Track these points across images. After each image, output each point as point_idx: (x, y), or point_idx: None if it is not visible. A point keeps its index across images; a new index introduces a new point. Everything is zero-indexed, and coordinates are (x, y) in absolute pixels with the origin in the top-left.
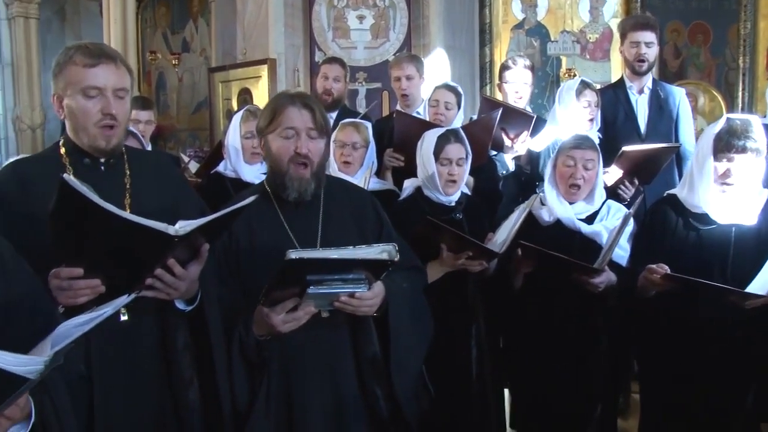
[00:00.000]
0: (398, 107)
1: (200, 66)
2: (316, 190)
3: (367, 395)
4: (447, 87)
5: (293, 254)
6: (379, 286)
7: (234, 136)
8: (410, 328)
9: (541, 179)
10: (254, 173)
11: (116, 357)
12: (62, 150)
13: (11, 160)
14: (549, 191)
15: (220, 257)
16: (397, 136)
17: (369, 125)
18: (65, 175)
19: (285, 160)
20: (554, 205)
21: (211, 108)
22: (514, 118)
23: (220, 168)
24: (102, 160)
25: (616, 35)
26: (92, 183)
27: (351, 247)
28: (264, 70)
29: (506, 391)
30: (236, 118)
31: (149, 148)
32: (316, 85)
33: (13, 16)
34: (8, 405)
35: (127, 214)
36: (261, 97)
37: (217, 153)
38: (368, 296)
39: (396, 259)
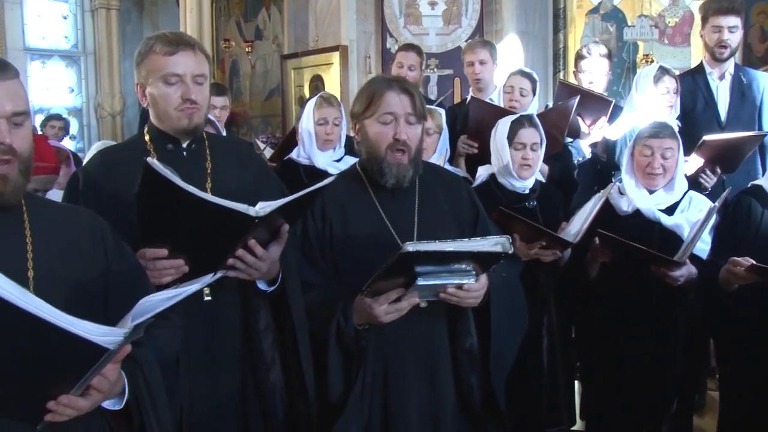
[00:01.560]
0: (471, 93)
1: (273, 53)
2: (413, 176)
3: (462, 386)
4: (522, 73)
5: (410, 246)
6: (484, 278)
7: (308, 122)
8: (508, 320)
9: (617, 168)
10: (327, 160)
11: (199, 336)
12: (146, 137)
13: (98, 146)
14: (627, 181)
15: (313, 243)
16: (471, 122)
17: (442, 112)
18: (149, 159)
19: (383, 147)
20: (633, 194)
21: (284, 95)
22: (592, 104)
23: (293, 155)
24: (184, 145)
25: (698, 18)
26: (175, 168)
27: (466, 239)
28: (336, 57)
29: (577, 383)
30: (310, 105)
31: (224, 134)
32: (390, 73)
33: (95, 8)
34: (93, 375)
35: (208, 196)
36: (333, 83)
37: (290, 139)
38: (476, 287)
39: (510, 252)
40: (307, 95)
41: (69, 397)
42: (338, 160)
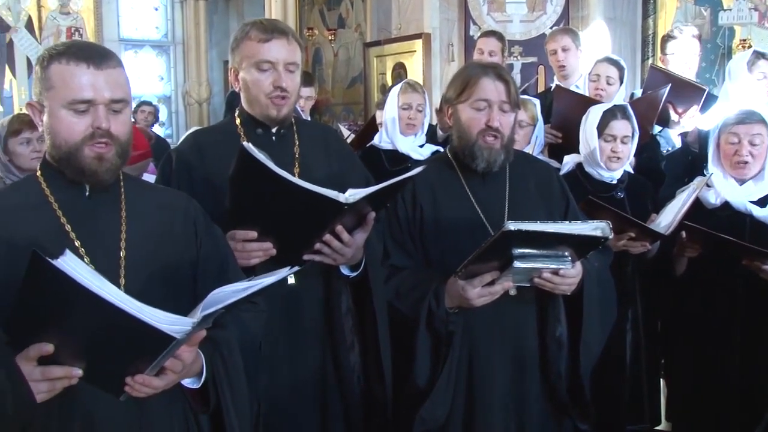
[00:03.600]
0: (555, 81)
1: (355, 41)
2: (504, 162)
3: (549, 374)
4: (609, 60)
5: (512, 225)
6: (579, 265)
7: (391, 107)
8: (599, 310)
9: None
10: (410, 144)
11: (282, 319)
12: (237, 121)
13: (192, 130)
14: (714, 172)
15: (403, 226)
16: (555, 111)
17: (537, 102)
18: (245, 143)
19: (474, 132)
20: (721, 186)
21: (366, 82)
22: (684, 91)
23: (375, 141)
24: (273, 130)
25: None
26: (263, 152)
27: (566, 222)
28: (418, 45)
29: (663, 381)
30: (394, 90)
31: None
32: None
33: None
34: (164, 359)
35: (300, 181)
36: (415, 71)
37: (370, 127)
38: (572, 274)
39: (610, 237)
40: (390, 83)
41: (143, 377)
42: (420, 146)
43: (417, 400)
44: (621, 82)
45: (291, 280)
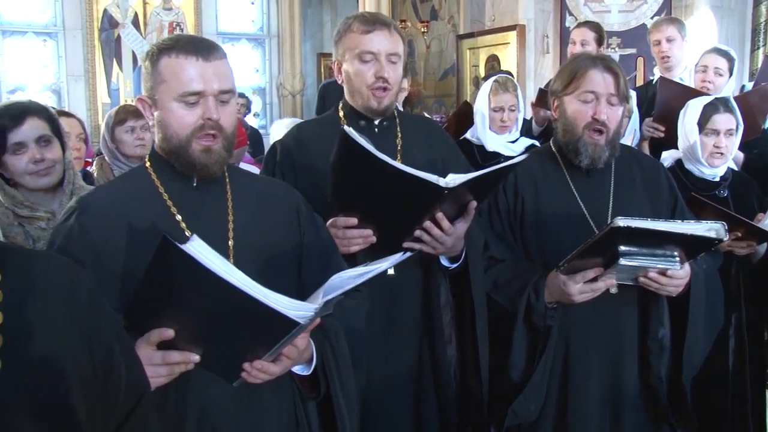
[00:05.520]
0: (656, 74)
1: (448, 33)
2: (609, 158)
3: (649, 378)
4: (718, 51)
5: (621, 221)
6: (688, 266)
7: (482, 104)
8: (705, 314)
9: None
10: (499, 141)
11: (381, 310)
12: (341, 113)
13: (287, 123)
14: None
15: (503, 218)
16: (658, 104)
17: (633, 94)
18: (346, 128)
19: (580, 125)
20: None
21: (458, 74)
22: None
23: (468, 135)
24: (376, 122)
25: None
26: None
27: (677, 220)
28: (512, 37)
29: None
30: (485, 88)
31: None
32: (567, 53)
33: None
34: (284, 345)
35: (400, 165)
36: (509, 63)
37: (462, 114)
38: (680, 275)
39: (725, 240)
40: (483, 75)
41: (262, 362)
42: (513, 141)
43: (510, 394)
44: (731, 74)
45: (391, 271)
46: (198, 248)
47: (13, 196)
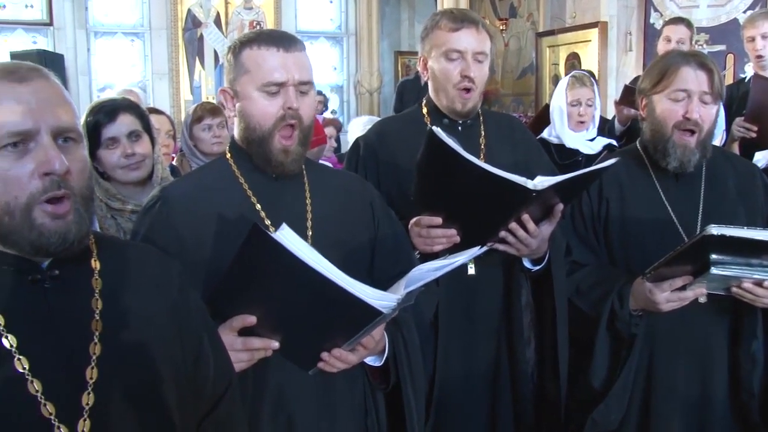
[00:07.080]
0: (750, 72)
1: (526, 31)
2: (700, 160)
3: (740, 392)
4: None
5: (714, 229)
6: None
7: (559, 100)
8: None
9: None
10: (578, 140)
11: (461, 308)
12: (424, 110)
13: (364, 121)
14: None
15: (587, 222)
16: (751, 103)
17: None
18: (434, 127)
19: (669, 125)
20: None
21: (537, 73)
22: None
23: (545, 134)
24: (460, 121)
25: None
26: None
27: None
28: (594, 34)
29: None
30: (562, 84)
31: None
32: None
33: None
34: (364, 335)
35: (488, 166)
36: (590, 61)
37: (543, 113)
38: None
39: None
40: (563, 74)
41: (341, 351)
42: (591, 140)
43: (590, 401)
44: None
45: (471, 271)
46: (288, 237)
47: (106, 189)
